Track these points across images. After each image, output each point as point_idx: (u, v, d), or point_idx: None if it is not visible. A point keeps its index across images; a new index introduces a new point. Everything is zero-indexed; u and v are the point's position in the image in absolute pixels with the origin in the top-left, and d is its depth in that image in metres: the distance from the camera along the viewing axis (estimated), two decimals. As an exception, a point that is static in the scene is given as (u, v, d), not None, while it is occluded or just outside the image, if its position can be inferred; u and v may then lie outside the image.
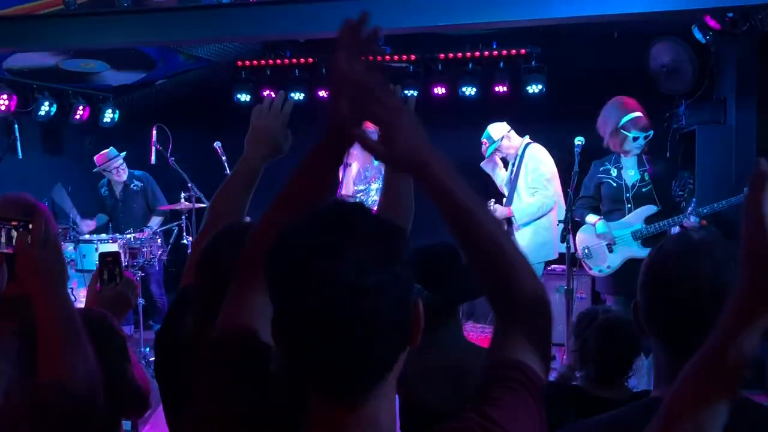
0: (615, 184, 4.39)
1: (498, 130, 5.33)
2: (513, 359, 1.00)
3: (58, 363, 1.44)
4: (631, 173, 4.37)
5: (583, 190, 4.51)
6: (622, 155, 4.38)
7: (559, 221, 4.17)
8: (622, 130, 4.28)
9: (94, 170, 6.41)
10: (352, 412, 0.89)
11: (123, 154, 6.32)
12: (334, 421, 0.90)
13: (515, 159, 5.28)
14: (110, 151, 6.29)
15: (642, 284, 1.30)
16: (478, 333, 5.50)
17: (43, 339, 1.45)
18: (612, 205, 4.41)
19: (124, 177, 6.36)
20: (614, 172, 4.39)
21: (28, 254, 1.48)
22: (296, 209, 1.12)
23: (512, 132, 5.34)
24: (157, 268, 6.18)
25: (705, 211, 4.27)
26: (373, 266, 0.85)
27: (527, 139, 5.37)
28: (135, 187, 6.42)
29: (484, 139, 5.44)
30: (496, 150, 5.37)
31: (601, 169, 4.45)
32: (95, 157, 6.35)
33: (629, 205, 4.34)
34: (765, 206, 0.85)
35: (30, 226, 1.51)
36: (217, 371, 1.08)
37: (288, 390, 1.00)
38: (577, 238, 4.55)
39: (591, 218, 4.43)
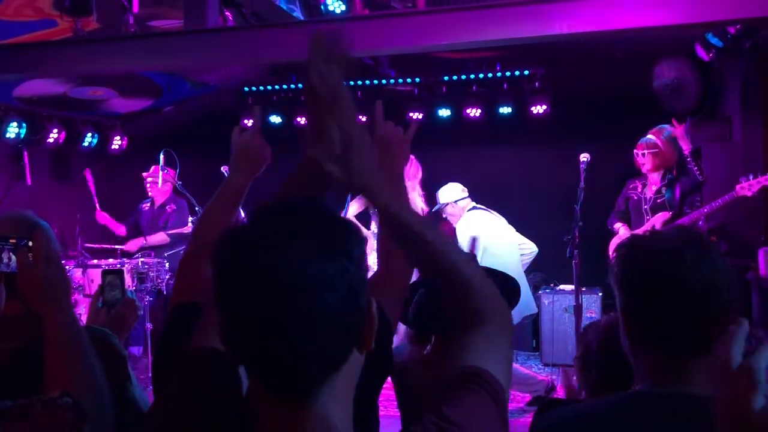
0: (636, 198, 5.28)
1: (446, 194, 5.52)
2: (474, 366, 1.00)
3: (66, 379, 1.43)
4: (653, 188, 5.26)
5: (616, 206, 5.45)
6: (646, 173, 5.28)
7: (566, 237, 4.18)
8: (635, 151, 5.32)
9: (144, 174, 6.50)
10: (299, 411, 0.87)
11: (170, 181, 6.26)
12: (281, 421, 0.88)
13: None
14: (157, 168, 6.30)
15: (629, 286, 1.30)
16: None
17: (50, 355, 1.45)
18: (635, 215, 5.28)
19: (164, 196, 6.42)
20: (640, 188, 5.30)
21: (31, 274, 1.48)
22: None
23: (461, 201, 5.48)
24: None
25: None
26: (317, 259, 0.84)
27: (470, 204, 5.48)
28: (168, 209, 6.46)
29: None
30: (442, 210, 5.54)
31: (631, 186, 5.38)
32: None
33: (647, 216, 5.16)
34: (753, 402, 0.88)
35: (30, 244, 1.51)
36: (175, 384, 1.08)
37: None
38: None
39: (617, 226, 5.37)
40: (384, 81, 6.88)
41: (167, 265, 5.99)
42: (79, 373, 1.45)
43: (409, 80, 6.88)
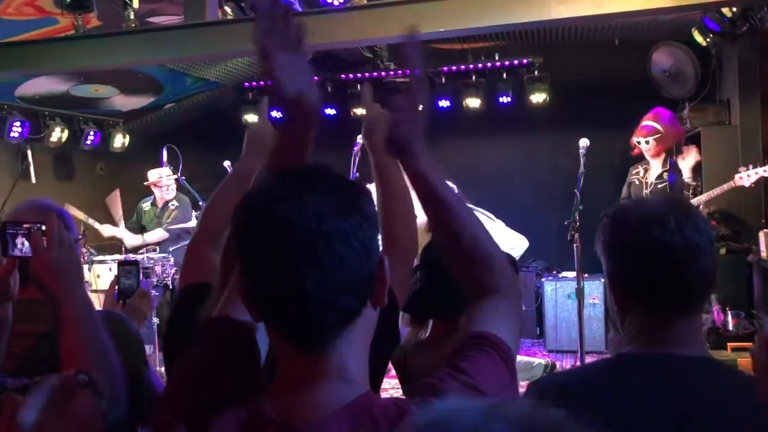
0: (638, 183, 5.29)
1: None
2: (484, 331, 1.06)
3: (81, 359, 1.45)
4: (655, 173, 5.23)
5: (623, 194, 5.41)
6: (649, 158, 5.26)
7: (567, 221, 4.21)
8: (635, 139, 5.30)
9: (146, 183, 6.46)
10: (316, 360, 0.91)
11: (175, 176, 6.34)
12: (302, 373, 0.92)
13: None
14: (164, 169, 6.34)
15: (615, 251, 1.33)
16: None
17: (64, 336, 1.47)
18: None
19: (170, 196, 6.41)
20: (642, 173, 5.31)
21: (44, 256, 1.51)
22: None
23: None
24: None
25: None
26: (332, 215, 0.89)
27: None
28: (172, 206, 6.47)
29: None
30: None
31: (634, 172, 5.39)
32: (149, 172, 6.43)
33: None
34: None
35: (43, 227, 1.54)
36: (191, 354, 1.11)
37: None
38: None
39: None
40: (384, 73, 6.91)
41: (172, 260, 6.01)
42: (93, 354, 1.47)
43: (408, 71, 6.89)
